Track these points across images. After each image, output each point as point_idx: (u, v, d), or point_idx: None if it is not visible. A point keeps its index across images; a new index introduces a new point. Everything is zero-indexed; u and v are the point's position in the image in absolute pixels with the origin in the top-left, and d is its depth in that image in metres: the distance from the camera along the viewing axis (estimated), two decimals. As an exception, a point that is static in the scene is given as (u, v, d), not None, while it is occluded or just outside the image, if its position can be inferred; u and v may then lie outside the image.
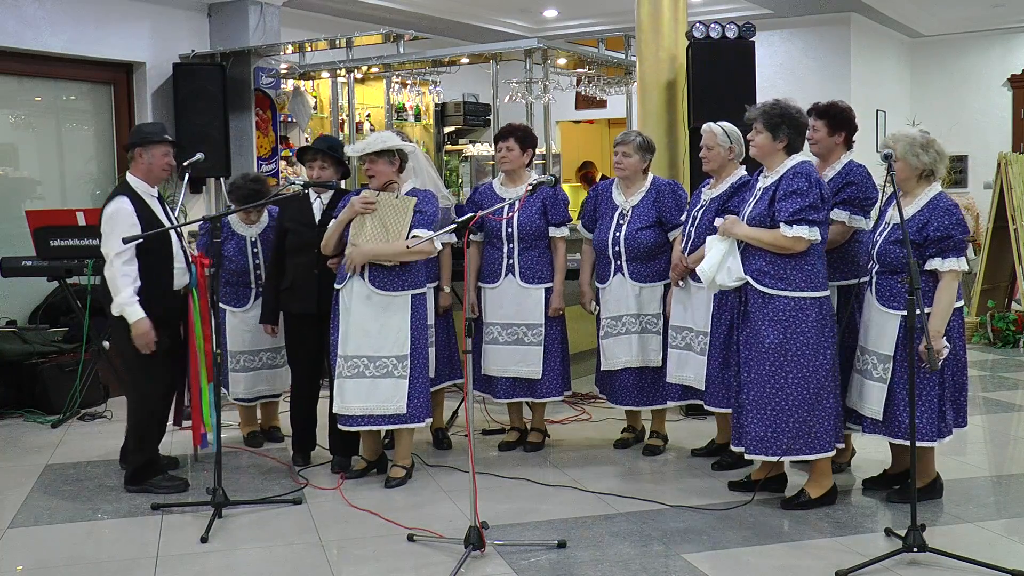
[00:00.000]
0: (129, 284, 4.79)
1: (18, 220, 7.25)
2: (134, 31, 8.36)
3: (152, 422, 5.06)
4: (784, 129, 4.50)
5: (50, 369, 6.83)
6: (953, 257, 4.36)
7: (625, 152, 5.43)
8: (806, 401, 4.44)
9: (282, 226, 5.35)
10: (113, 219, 4.84)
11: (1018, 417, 6.61)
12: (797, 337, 4.42)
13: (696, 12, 10.17)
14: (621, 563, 3.99)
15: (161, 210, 5.06)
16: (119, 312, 4.82)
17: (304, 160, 5.38)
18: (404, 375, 4.87)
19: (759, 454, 4.55)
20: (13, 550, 4.28)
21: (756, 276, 4.48)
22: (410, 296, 4.91)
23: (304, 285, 5.19)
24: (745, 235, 4.50)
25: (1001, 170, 9.14)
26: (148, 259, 4.87)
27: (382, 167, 4.92)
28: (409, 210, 4.87)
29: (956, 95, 12.63)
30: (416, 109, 10.83)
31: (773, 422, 4.48)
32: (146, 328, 4.79)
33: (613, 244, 5.41)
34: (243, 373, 5.73)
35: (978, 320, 9.17)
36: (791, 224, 4.37)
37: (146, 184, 5.02)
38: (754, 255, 4.50)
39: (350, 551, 4.20)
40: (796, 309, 4.42)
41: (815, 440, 4.47)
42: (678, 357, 5.28)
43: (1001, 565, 3.79)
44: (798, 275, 4.42)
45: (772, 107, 4.54)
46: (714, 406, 5.13)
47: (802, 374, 4.43)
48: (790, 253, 4.41)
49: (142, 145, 4.99)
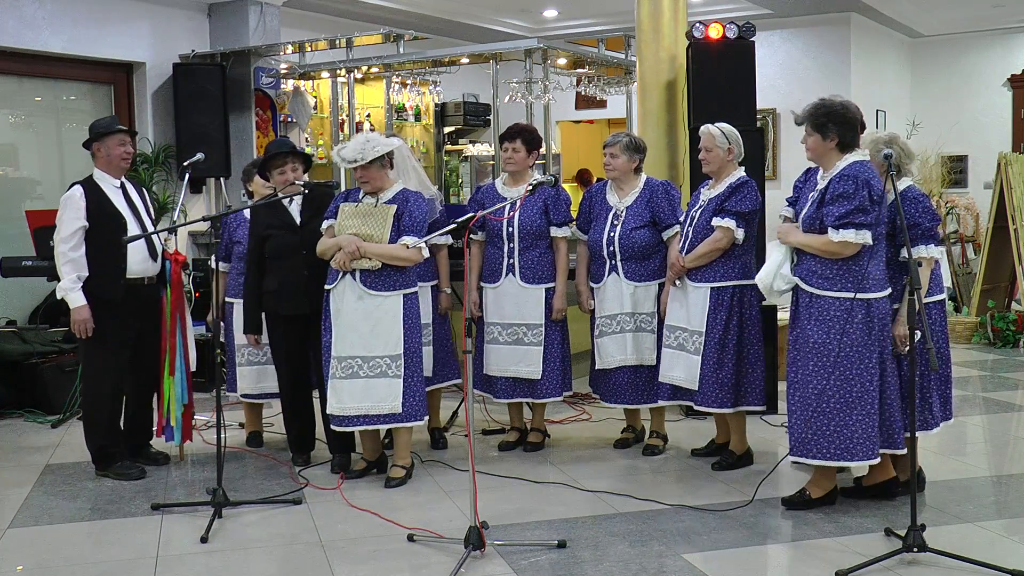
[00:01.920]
0: (72, 271, 5.04)
1: (18, 220, 7.25)
2: (134, 31, 8.36)
3: (98, 410, 5.23)
4: (832, 127, 4.37)
5: (50, 369, 6.83)
6: (922, 245, 4.50)
7: (612, 153, 5.44)
8: (848, 404, 4.33)
9: (258, 234, 5.26)
10: (62, 206, 5.13)
11: (1018, 417, 6.61)
12: (841, 338, 4.31)
13: (696, 12, 10.16)
14: (621, 563, 3.99)
15: (123, 201, 5.23)
16: (62, 296, 5.10)
17: (272, 167, 5.24)
18: (398, 375, 4.87)
19: (800, 456, 4.46)
20: (13, 550, 4.28)
21: (805, 276, 4.41)
22: (402, 296, 4.90)
23: (293, 287, 5.16)
24: (798, 242, 4.44)
25: (1001, 170, 9.14)
26: (98, 245, 5.08)
27: (375, 172, 4.90)
28: (389, 217, 4.85)
29: (956, 95, 12.62)
30: (416, 109, 10.82)
31: (815, 424, 4.38)
32: (85, 315, 5.04)
33: (608, 244, 5.42)
34: (248, 367, 5.68)
35: (978, 320, 9.17)
36: (837, 229, 4.28)
37: (109, 175, 5.24)
38: (805, 256, 4.45)
39: (350, 551, 4.20)
40: (842, 310, 4.31)
41: (856, 446, 4.35)
42: (669, 356, 5.28)
43: (1001, 565, 3.79)
44: (845, 276, 4.32)
45: (817, 107, 4.42)
46: (707, 406, 5.13)
47: (845, 376, 4.33)
48: (840, 258, 4.33)
49: (97, 140, 5.22)
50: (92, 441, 5.26)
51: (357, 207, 4.92)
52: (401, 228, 4.86)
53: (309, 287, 5.12)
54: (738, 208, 5.09)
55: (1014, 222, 9.01)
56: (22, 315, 7.76)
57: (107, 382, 5.20)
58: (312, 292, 5.10)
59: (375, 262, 4.82)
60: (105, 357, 5.17)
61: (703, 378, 5.10)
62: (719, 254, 5.11)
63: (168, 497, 4.93)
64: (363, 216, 4.87)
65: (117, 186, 5.25)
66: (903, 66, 12.84)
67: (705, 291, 5.13)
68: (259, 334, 5.38)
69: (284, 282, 5.18)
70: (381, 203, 4.91)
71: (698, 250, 5.13)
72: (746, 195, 5.13)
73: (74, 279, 5.04)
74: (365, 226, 4.84)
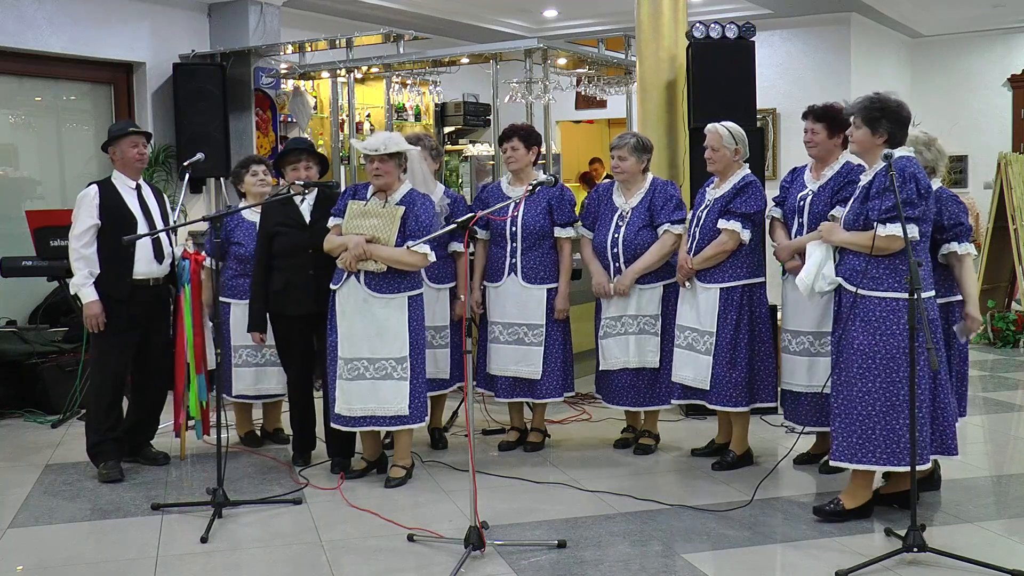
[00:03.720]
0: (85, 267, 5.17)
1: (18, 220, 7.25)
2: (134, 31, 8.36)
3: (98, 406, 5.30)
4: (884, 124, 4.25)
5: (50, 369, 6.83)
6: (967, 242, 4.54)
7: (621, 156, 5.43)
8: (894, 408, 4.19)
9: (267, 231, 5.27)
10: (77, 204, 5.25)
11: (1018, 417, 6.61)
12: (887, 340, 4.17)
13: (696, 12, 10.16)
14: (621, 563, 3.99)
15: (136, 202, 5.32)
16: (75, 291, 5.26)
17: (286, 163, 5.34)
18: (404, 376, 4.87)
19: (845, 461, 4.31)
20: (13, 550, 4.28)
21: (848, 276, 4.29)
22: (406, 298, 4.90)
23: (300, 286, 5.17)
24: (842, 241, 4.32)
25: (1001, 170, 9.13)
26: (107, 244, 5.19)
27: (391, 168, 4.90)
28: (396, 219, 4.85)
29: (956, 95, 12.62)
30: (416, 109, 10.81)
31: (860, 428, 4.25)
32: (96, 310, 5.15)
33: (612, 246, 5.42)
34: (246, 368, 5.66)
35: (978, 320, 9.16)
36: (884, 223, 4.13)
37: (125, 176, 5.35)
38: (849, 254, 4.32)
39: (350, 551, 4.20)
40: (887, 311, 4.18)
41: (905, 450, 4.17)
42: (680, 356, 5.28)
43: (1001, 565, 3.79)
44: (890, 275, 4.19)
45: (872, 101, 4.29)
46: (721, 405, 5.14)
47: (891, 379, 4.18)
48: (888, 253, 4.19)
49: (112, 143, 5.34)
50: (90, 434, 5.33)
51: (365, 206, 4.91)
52: (407, 231, 4.86)
53: (315, 287, 5.13)
54: (743, 209, 5.09)
55: (1014, 222, 9.00)
56: (22, 315, 7.76)
57: (108, 377, 5.27)
58: (317, 292, 5.11)
59: (380, 264, 4.82)
60: (108, 352, 5.26)
61: (717, 378, 5.10)
62: (726, 256, 5.11)
63: (168, 497, 4.93)
64: (371, 216, 4.87)
65: (132, 187, 5.34)
66: (903, 66, 12.84)
67: (715, 292, 5.13)
68: (263, 333, 5.39)
69: (290, 282, 5.19)
70: (390, 204, 4.92)
71: (705, 252, 5.14)
72: (751, 195, 5.13)
73: (86, 275, 5.17)
74: (372, 227, 4.83)
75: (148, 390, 5.49)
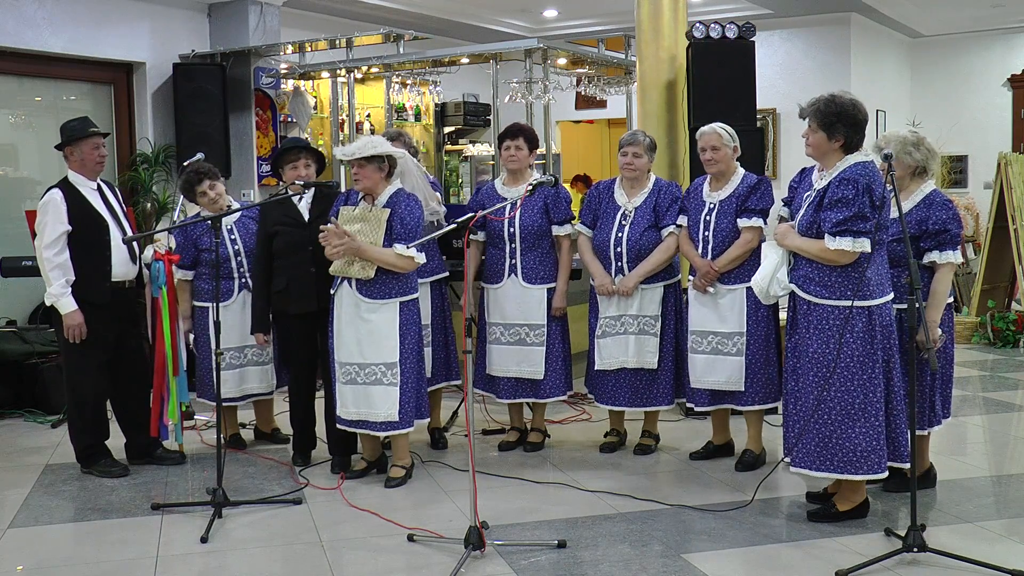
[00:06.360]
0: (60, 275, 5.03)
1: (18, 220, 7.25)
2: (134, 31, 8.36)
3: (82, 411, 5.22)
4: (840, 128, 4.18)
5: (50, 369, 6.82)
6: (950, 250, 4.47)
7: (636, 153, 5.39)
8: (850, 416, 4.17)
9: (267, 231, 5.27)
10: (43, 210, 5.08)
11: (1018, 417, 6.61)
12: (841, 348, 4.15)
13: (696, 12, 10.17)
14: (621, 563, 3.99)
15: (101, 202, 5.21)
16: (51, 303, 5.07)
17: (285, 162, 5.33)
18: (394, 382, 4.86)
19: (803, 468, 4.30)
20: (13, 550, 4.28)
21: (802, 283, 4.27)
22: (398, 303, 4.89)
23: (301, 284, 5.18)
24: (795, 246, 4.29)
25: (1001, 170, 9.14)
26: (82, 248, 5.07)
27: (370, 172, 4.87)
28: (382, 223, 4.84)
29: (956, 95, 12.62)
30: (416, 109, 10.82)
31: (816, 436, 4.23)
32: (78, 320, 5.04)
33: (615, 245, 5.40)
34: (228, 371, 5.55)
35: (978, 320, 9.17)
36: (834, 236, 4.11)
37: (83, 177, 5.20)
38: (801, 261, 4.30)
39: (350, 551, 4.20)
40: (841, 318, 4.15)
41: (860, 459, 4.18)
42: (704, 362, 5.19)
43: (1001, 565, 3.79)
44: (844, 282, 4.17)
45: (827, 104, 4.20)
46: (757, 404, 5.13)
47: (846, 387, 4.17)
48: (839, 264, 4.17)
49: (70, 143, 5.18)
50: (77, 441, 5.28)
51: (355, 211, 4.92)
52: (392, 234, 4.85)
53: (317, 284, 5.13)
54: (762, 206, 5.08)
55: (1014, 222, 9.01)
56: (22, 315, 7.76)
57: (90, 383, 5.21)
58: (320, 289, 5.11)
59: (367, 271, 4.81)
60: (89, 359, 5.16)
61: (751, 377, 5.09)
62: (751, 255, 5.09)
63: (168, 497, 4.93)
64: (358, 221, 4.87)
65: (94, 188, 5.23)
66: (903, 66, 12.84)
67: (741, 291, 5.09)
68: (267, 334, 5.38)
69: (292, 280, 5.19)
70: (376, 207, 4.91)
71: (730, 253, 5.09)
72: (766, 191, 5.15)
73: (63, 284, 5.02)
74: (358, 232, 4.83)
75: (136, 390, 5.40)
